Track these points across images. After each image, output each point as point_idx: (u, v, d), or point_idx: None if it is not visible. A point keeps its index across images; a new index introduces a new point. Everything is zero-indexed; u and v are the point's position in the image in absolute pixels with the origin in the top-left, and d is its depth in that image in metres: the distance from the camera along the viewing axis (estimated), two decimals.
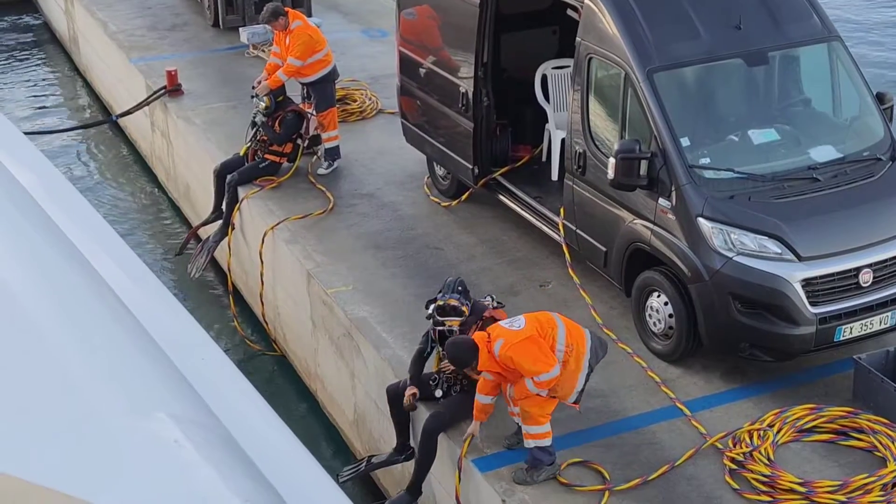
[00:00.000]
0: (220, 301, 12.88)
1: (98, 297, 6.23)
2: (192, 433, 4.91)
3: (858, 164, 8.99)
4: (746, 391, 8.67)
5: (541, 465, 7.74)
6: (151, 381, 5.47)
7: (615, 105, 9.19)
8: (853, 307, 8.44)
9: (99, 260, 7.05)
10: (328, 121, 12.38)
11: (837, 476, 7.71)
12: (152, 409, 4.99)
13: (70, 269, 6.43)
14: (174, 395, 5.40)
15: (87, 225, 8.40)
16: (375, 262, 10.68)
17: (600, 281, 9.81)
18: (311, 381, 11.12)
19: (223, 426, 5.44)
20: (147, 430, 4.78)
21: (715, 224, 8.44)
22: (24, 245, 6.51)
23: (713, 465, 7.89)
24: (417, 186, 12.08)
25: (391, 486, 9.54)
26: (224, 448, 5.11)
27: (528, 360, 7.43)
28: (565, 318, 7.85)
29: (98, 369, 5.32)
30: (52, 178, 9.32)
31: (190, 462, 4.68)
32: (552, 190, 10.63)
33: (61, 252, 6.65)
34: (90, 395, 5.01)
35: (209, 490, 4.53)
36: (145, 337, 6.03)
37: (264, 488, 4.93)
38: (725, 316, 8.42)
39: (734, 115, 9.28)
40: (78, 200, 9.18)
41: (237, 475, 4.81)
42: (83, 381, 5.12)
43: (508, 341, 7.45)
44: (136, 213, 15.22)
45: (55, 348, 5.35)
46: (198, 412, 5.37)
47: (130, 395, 5.17)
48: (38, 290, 5.91)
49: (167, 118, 14.48)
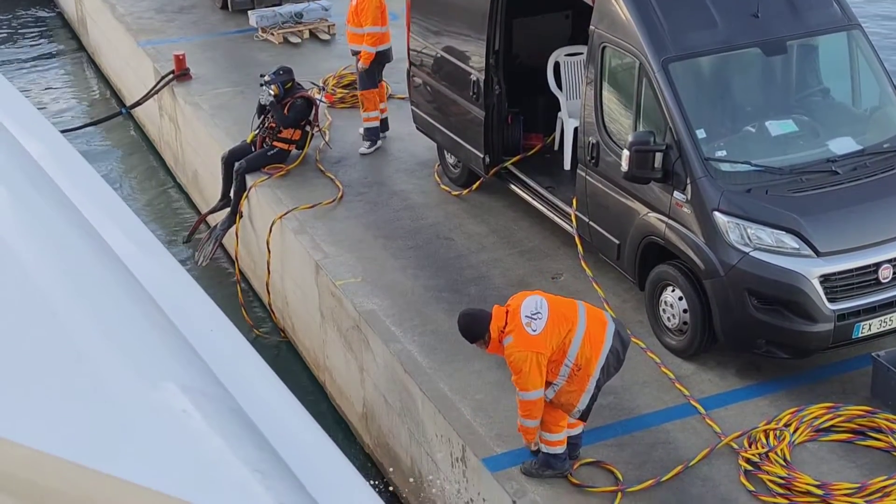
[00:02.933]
0: (228, 289, 12.74)
1: (107, 267, 6.21)
2: (201, 403, 4.90)
3: (879, 156, 8.78)
4: (762, 388, 8.51)
5: (550, 467, 7.60)
6: (160, 352, 5.46)
7: (629, 95, 9.00)
8: (872, 303, 8.25)
9: (108, 230, 7.00)
10: (368, 100, 12.25)
11: (855, 477, 7.56)
12: (161, 380, 4.98)
13: (79, 239, 6.39)
14: (183, 366, 5.40)
15: (97, 195, 8.35)
16: (385, 252, 10.53)
17: (613, 274, 9.65)
18: (320, 373, 11.00)
19: (232, 397, 5.42)
20: (156, 400, 4.76)
21: (731, 218, 8.26)
22: (32, 214, 6.48)
23: (728, 466, 7.74)
24: (428, 174, 11.91)
25: (410, 493, 9.44)
26: (232, 418, 5.10)
27: (521, 373, 7.13)
28: (595, 318, 7.30)
29: (107, 339, 5.29)
30: (60, 148, 9.24)
31: (198, 432, 4.67)
32: (564, 180, 10.46)
33: (70, 222, 6.62)
34: (99, 365, 4.98)
35: (217, 459, 4.52)
36: (154, 307, 6.01)
37: (272, 458, 4.90)
38: (741, 312, 8.25)
39: (751, 106, 9.09)
40: (87, 171, 9.11)
41: (245, 445, 4.79)
42: (92, 351, 5.09)
43: (518, 343, 7.14)
44: (144, 198, 15.08)
45: (64, 317, 5.31)
46: (206, 383, 5.36)
47: (139, 365, 5.16)
48: (46, 260, 5.89)
49: (175, 103, 14.33)
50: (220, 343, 6.63)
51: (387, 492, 9.61)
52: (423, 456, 8.84)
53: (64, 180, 7.54)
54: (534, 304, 7.24)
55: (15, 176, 7.01)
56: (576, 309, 7.33)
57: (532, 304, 7.25)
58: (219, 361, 5.85)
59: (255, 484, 4.34)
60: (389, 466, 9.65)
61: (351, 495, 5.57)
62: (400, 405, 9.08)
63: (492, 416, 8.32)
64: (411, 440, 9.00)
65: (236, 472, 4.42)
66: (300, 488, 4.77)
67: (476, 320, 7.37)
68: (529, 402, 7.23)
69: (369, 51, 12.11)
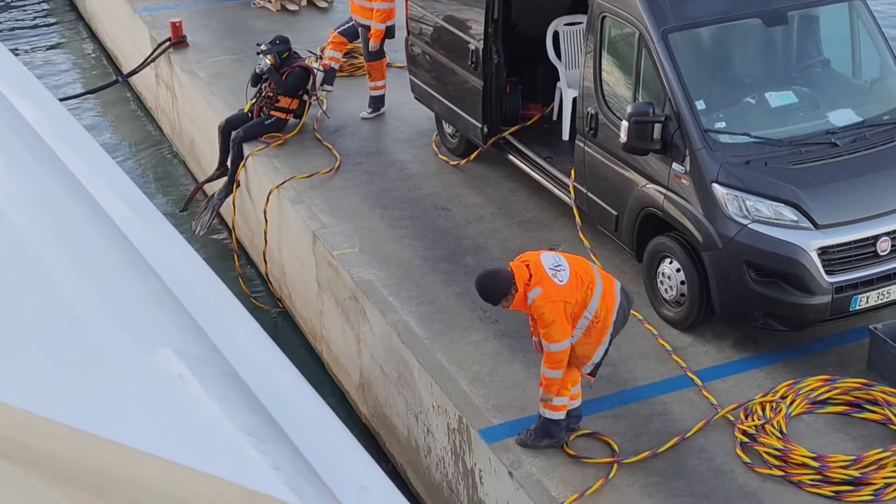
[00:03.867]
0: (225, 259, 12.71)
1: (103, 233, 6.21)
2: (197, 369, 4.91)
3: (879, 128, 8.74)
4: (759, 360, 8.51)
5: (548, 437, 7.60)
6: (156, 317, 5.47)
7: (629, 66, 8.94)
8: (870, 276, 8.23)
9: (104, 196, 6.98)
10: (377, 71, 12.23)
11: (851, 450, 7.57)
12: (157, 345, 5.00)
13: (75, 205, 6.39)
14: (179, 331, 5.42)
15: (93, 161, 8.33)
16: (382, 222, 10.50)
17: (611, 245, 9.63)
18: (317, 343, 11.00)
19: (227, 362, 5.42)
20: (151, 365, 4.78)
21: (730, 190, 8.23)
22: (28, 180, 6.48)
23: (724, 438, 7.75)
24: (425, 144, 11.86)
25: (406, 463, 9.45)
26: (228, 383, 5.11)
27: (553, 321, 7.08)
28: (605, 275, 7.44)
29: (103, 304, 5.30)
30: (57, 115, 9.21)
31: (194, 397, 4.68)
32: (563, 150, 10.40)
33: (66, 187, 6.61)
34: (94, 330, 5.00)
35: (213, 424, 4.53)
36: (150, 273, 6.01)
37: (267, 422, 4.91)
38: (739, 284, 8.24)
39: (751, 77, 9.04)
40: (83, 137, 9.08)
41: (241, 410, 4.80)
42: (88, 316, 5.11)
43: (547, 294, 7.06)
44: (141, 166, 15.02)
45: (60, 283, 5.33)
46: (202, 348, 5.37)
47: (135, 330, 5.18)
48: (42, 226, 5.90)
49: (171, 71, 14.25)
50: (216, 309, 6.63)
51: (383, 461, 9.63)
52: (419, 426, 8.85)
53: (60, 146, 7.52)
54: (553, 259, 7.27)
55: (11, 142, 6.99)
56: (589, 265, 7.45)
57: (550, 258, 7.27)
58: (214, 327, 5.86)
59: (250, 448, 4.35)
60: (386, 436, 9.66)
61: (346, 459, 5.58)
62: (397, 375, 9.08)
63: (488, 387, 8.32)
64: (408, 410, 9.00)
65: (231, 437, 4.43)
66: (295, 452, 4.78)
67: (498, 278, 7.23)
68: (559, 353, 7.19)
69: (379, 27, 12.02)
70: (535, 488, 7.38)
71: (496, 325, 9.00)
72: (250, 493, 3.23)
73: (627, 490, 7.36)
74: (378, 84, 12.37)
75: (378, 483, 5.45)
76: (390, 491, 5.44)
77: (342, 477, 4.99)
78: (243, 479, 3.29)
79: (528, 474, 7.50)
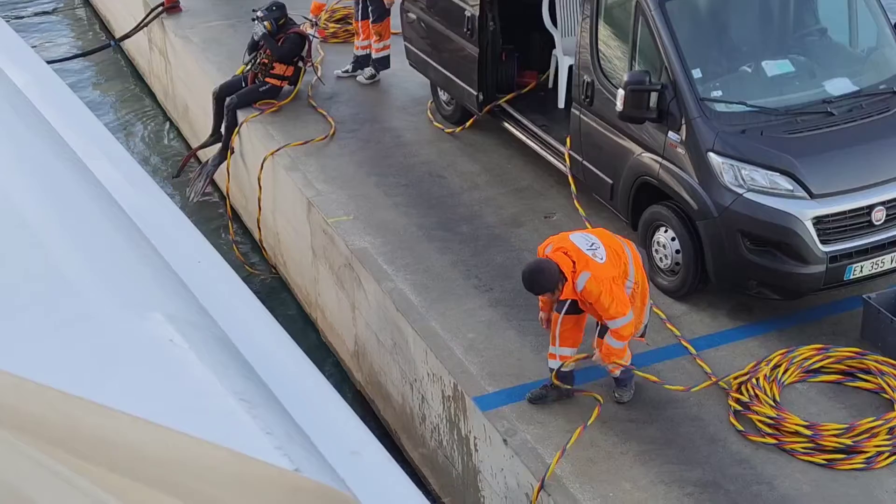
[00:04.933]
0: (219, 225, 12.69)
1: (94, 198, 6.19)
2: (188, 333, 4.89)
3: (875, 97, 8.72)
4: (753, 329, 8.54)
5: (556, 389, 7.71)
6: (147, 281, 5.46)
7: (625, 34, 8.91)
8: (864, 245, 8.24)
9: (94, 161, 6.96)
10: (386, 30, 12.15)
11: (843, 418, 7.61)
12: (148, 309, 4.99)
13: (65, 170, 6.36)
14: (170, 296, 5.41)
15: (83, 126, 8.30)
16: (377, 190, 10.48)
17: (606, 213, 9.63)
18: (312, 310, 11.01)
19: (218, 327, 5.42)
20: (142, 329, 4.77)
21: (725, 159, 8.23)
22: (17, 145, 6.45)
23: (717, 406, 7.79)
24: (420, 111, 11.82)
25: (401, 430, 9.49)
26: (219, 348, 5.11)
27: (613, 299, 7.15)
28: (625, 241, 7.54)
29: (93, 268, 5.30)
30: (46, 79, 9.16)
31: (185, 361, 4.67)
32: (558, 118, 10.39)
33: (56, 152, 6.58)
34: (85, 294, 5.00)
35: (204, 388, 4.54)
36: (141, 238, 6.01)
37: (259, 387, 4.93)
38: (734, 253, 8.25)
39: (748, 46, 9.00)
40: (73, 102, 9.04)
41: (232, 374, 4.81)
42: (78, 280, 5.10)
43: (595, 276, 7.12)
44: (134, 132, 14.96)
45: (51, 247, 5.32)
46: (193, 313, 5.36)
47: (126, 294, 5.17)
48: (32, 191, 5.88)
49: (165, 36, 14.16)
50: (208, 274, 6.62)
51: (378, 429, 9.67)
52: (414, 394, 8.88)
53: (50, 111, 7.48)
54: (584, 239, 7.37)
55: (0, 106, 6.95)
56: (609, 234, 7.56)
57: (582, 238, 7.37)
58: (206, 292, 5.85)
59: (241, 413, 4.35)
60: (380, 404, 9.70)
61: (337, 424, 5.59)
62: (392, 343, 9.10)
63: (483, 355, 8.34)
64: (403, 378, 9.03)
65: (223, 401, 4.43)
66: (286, 417, 4.79)
67: (547, 272, 7.23)
68: (626, 327, 7.30)
69: None
70: (530, 455, 7.41)
71: (491, 293, 9.01)
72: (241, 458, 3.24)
73: (622, 458, 7.40)
74: (385, 44, 12.24)
75: (369, 448, 5.47)
76: (382, 455, 5.45)
77: (334, 441, 5.00)
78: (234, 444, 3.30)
79: (523, 442, 7.53)
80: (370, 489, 4.56)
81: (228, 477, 3.13)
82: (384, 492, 5.05)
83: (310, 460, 4.29)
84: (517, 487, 7.51)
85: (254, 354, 5.41)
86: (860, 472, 7.24)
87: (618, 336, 7.39)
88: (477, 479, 8.08)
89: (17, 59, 9.12)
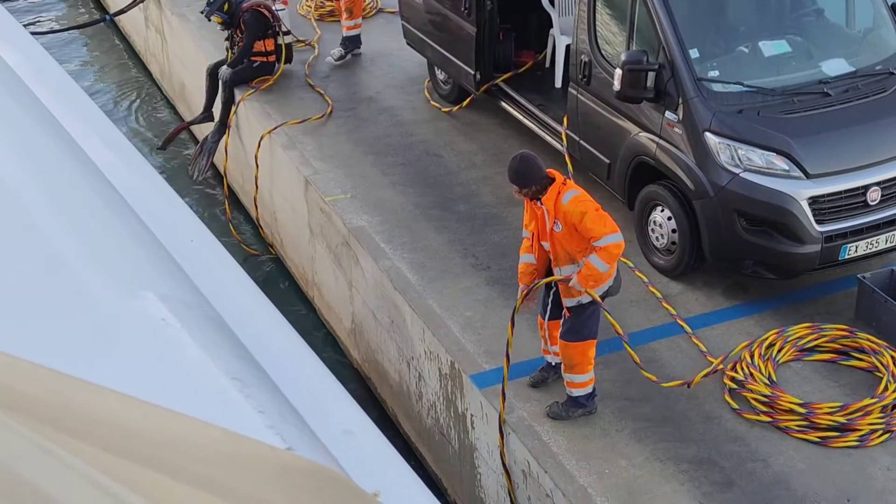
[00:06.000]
0: (215, 203, 12.71)
1: (86, 176, 6.20)
2: (180, 312, 4.89)
3: (871, 78, 8.75)
4: (748, 308, 8.59)
5: (580, 407, 7.57)
6: (139, 261, 5.47)
7: (623, 13, 8.92)
8: (859, 225, 8.29)
9: (86, 139, 6.96)
10: (358, 6, 12.13)
11: (837, 397, 7.67)
12: (140, 288, 4.98)
13: (57, 148, 6.36)
14: (162, 275, 5.41)
15: (75, 106, 8.30)
16: (374, 169, 10.51)
17: (602, 192, 9.62)
18: (308, 288, 11.04)
19: (211, 306, 5.43)
20: (135, 308, 4.77)
21: (722, 139, 8.26)
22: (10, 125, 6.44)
23: (713, 384, 7.83)
24: (418, 91, 11.83)
25: (398, 408, 9.54)
26: (212, 327, 5.12)
27: (598, 218, 6.88)
28: None
29: (86, 248, 5.30)
30: (39, 59, 9.14)
31: (178, 340, 4.67)
32: (555, 98, 10.40)
33: (48, 132, 6.57)
34: (78, 274, 4.99)
35: (197, 368, 4.54)
36: (133, 217, 6.01)
37: (251, 366, 4.94)
38: (730, 233, 8.29)
39: (745, 26, 9.02)
40: (64, 79, 9.02)
41: (225, 354, 4.82)
42: (71, 260, 5.09)
43: (583, 197, 6.98)
44: (130, 110, 14.94)
45: (43, 227, 5.32)
46: (186, 292, 5.36)
47: (118, 273, 5.17)
48: (24, 170, 5.88)
49: (161, 14, 14.15)
50: (200, 253, 6.63)
51: (375, 407, 9.72)
52: (411, 372, 8.92)
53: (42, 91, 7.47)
54: None
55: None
56: None
57: None
58: (198, 271, 5.87)
59: (234, 392, 4.36)
60: (377, 382, 9.75)
61: (330, 403, 5.62)
62: (389, 321, 9.14)
63: (480, 333, 8.38)
64: (400, 356, 9.08)
65: (215, 381, 4.44)
66: (279, 396, 4.81)
67: (534, 161, 7.07)
68: (615, 245, 6.90)
69: None
70: (527, 433, 7.47)
71: (488, 271, 9.05)
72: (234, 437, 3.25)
73: (617, 435, 7.45)
74: (355, 22, 12.24)
75: (362, 426, 5.49)
76: (374, 434, 5.47)
77: (326, 420, 5.02)
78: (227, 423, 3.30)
79: (520, 419, 7.58)
80: (362, 468, 4.58)
81: (221, 455, 3.13)
82: (376, 470, 5.06)
83: (302, 439, 4.31)
84: (514, 464, 7.56)
85: (246, 334, 5.42)
86: (853, 450, 7.30)
87: (606, 255, 6.90)
88: (473, 456, 8.14)
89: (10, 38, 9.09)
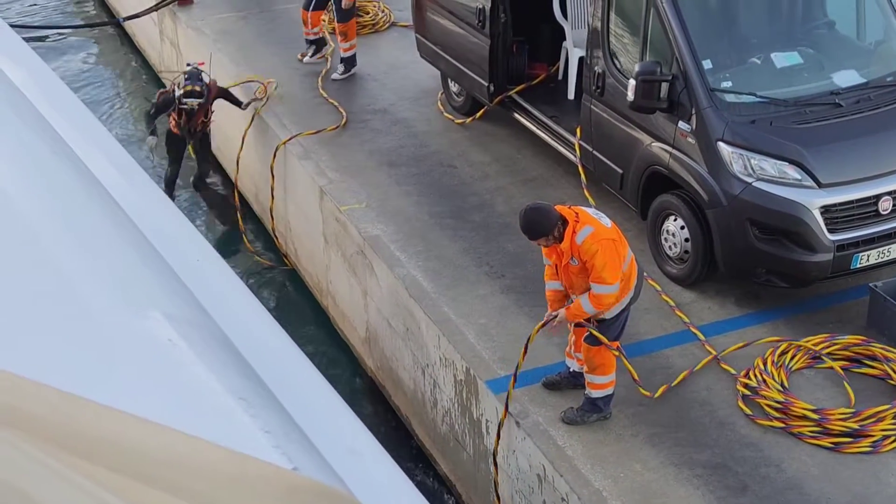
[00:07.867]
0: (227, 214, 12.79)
1: (91, 195, 6.20)
2: (187, 332, 4.85)
3: (882, 89, 8.85)
4: (760, 317, 8.66)
5: (596, 411, 7.63)
6: (146, 280, 5.42)
7: (636, 25, 9.03)
8: (871, 234, 8.38)
9: (90, 157, 7.00)
10: (351, 30, 12.29)
11: (849, 403, 7.73)
12: (146, 308, 4.96)
13: (62, 167, 6.38)
14: (169, 295, 5.40)
15: (80, 124, 8.33)
16: (389, 179, 10.61)
17: (615, 203, 9.74)
18: (323, 298, 11.13)
19: (217, 326, 5.44)
20: (141, 328, 4.71)
21: (735, 149, 8.35)
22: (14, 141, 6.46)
23: (726, 391, 7.91)
24: (431, 102, 11.94)
25: (413, 415, 9.61)
26: (218, 347, 5.10)
27: (606, 264, 6.92)
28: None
29: (91, 266, 5.25)
30: (41, 74, 9.21)
31: (184, 361, 4.63)
32: (568, 109, 10.50)
33: (53, 149, 6.60)
34: (83, 293, 4.95)
35: (202, 387, 4.51)
36: (140, 236, 6.02)
37: (257, 386, 4.96)
38: (742, 242, 8.37)
39: (757, 38, 9.13)
40: (68, 96, 9.09)
41: (231, 373, 4.77)
42: (76, 279, 5.04)
43: (598, 234, 6.96)
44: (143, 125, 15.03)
45: (46, 245, 5.29)
46: (192, 312, 5.35)
47: (124, 293, 5.13)
48: (29, 188, 5.87)
49: (177, 27, 14.28)
50: (206, 272, 6.64)
51: (389, 414, 9.79)
52: (426, 379, 9.00)
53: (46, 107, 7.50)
54: (592, 209, 7.35)
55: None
56: (619, 230, 7.38)
57: (589, 209, 7.32)
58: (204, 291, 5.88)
59: (240, 412, 4.32)
60: (392, 390, 9.82)
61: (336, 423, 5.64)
62: (404, 329, 9.22)
63: (495, 339, 8.46)
64: (415, 364, 9.15)
65: (221, 400, 4.41)
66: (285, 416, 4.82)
67: (544, 212, 7.05)
68: (608, 296, 7.03)
69: None
70: (542, 437, 7.54)
71: (502, 279, 9.14)
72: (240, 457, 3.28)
73: (632, 440, 7.52)
74: (352, 44, 12.39)
75: (368, 447, 5.51)
76: (381, 454, 5.47)
77: (333, 441, 5.03)
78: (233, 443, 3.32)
79: (535, 424, 7.66)
80: (368, 488, 4.60)
81: (226, 476, 3.14)
82: (382, 490, 5.08)
83: (308, 459, 4.32)
84: (529, 469, 7.63)
85: (252, 353, 5.44)
86: (866, 456, 7.37)
87: (595, 301, 7.06)
88: (488, 462, 8.20)
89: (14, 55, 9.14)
